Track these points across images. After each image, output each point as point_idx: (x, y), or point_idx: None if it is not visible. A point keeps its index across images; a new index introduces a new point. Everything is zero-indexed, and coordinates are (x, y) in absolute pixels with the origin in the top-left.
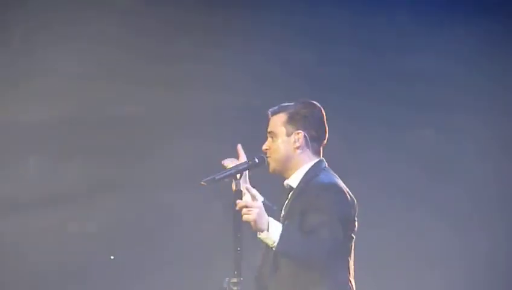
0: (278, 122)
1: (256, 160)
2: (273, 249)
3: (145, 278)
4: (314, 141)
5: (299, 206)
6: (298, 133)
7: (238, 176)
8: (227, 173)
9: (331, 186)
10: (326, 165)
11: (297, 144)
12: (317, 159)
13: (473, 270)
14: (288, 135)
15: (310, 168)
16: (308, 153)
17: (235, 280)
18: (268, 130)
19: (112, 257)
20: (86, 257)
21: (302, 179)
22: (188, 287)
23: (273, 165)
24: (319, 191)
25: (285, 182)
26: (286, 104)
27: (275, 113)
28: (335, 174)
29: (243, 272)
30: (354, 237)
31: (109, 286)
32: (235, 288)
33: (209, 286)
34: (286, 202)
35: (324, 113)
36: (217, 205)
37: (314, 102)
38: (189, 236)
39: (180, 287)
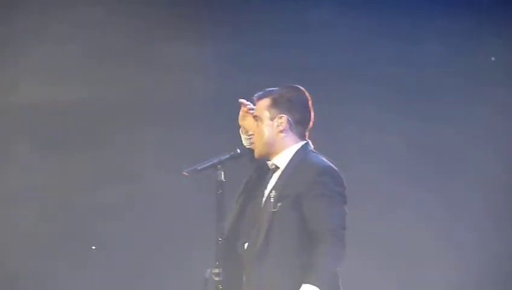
0: (262, 106)
1: (239, 151)
2: None
3: (125, 270)
4: (298, 124)
5: (295, 188)
6: (281, 117)
7: (219, 166)
8: (209, 163)
9: (326, 169)
10: (313, 148)
11: (281, 128)
12: (303, 142)
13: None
14: (272, 118)
15: (297, 151)
16: (292, 136)
17: (216, 270)
18: (254, 115)
19: (94, 247)
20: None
21: (290, 160)
22: (170, 279)
23: (258, 149)
24: (315, 175)
25: (270, 162)
26: (271, 88)
27: (259, 98)
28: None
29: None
30: None
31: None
32: (216, 279)
33: (191, 277)
34: (274, 181)
35: (309, 96)
36: (198, 195)
37: (299, 86)
38: (170, 227)
39: (163, 279)
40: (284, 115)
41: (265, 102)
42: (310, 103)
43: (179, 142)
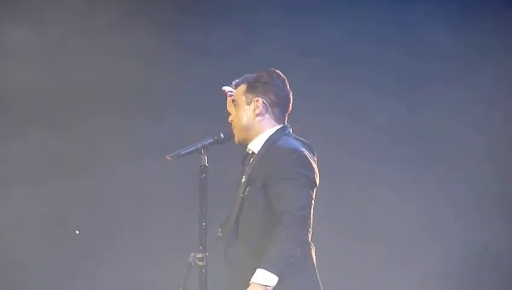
0: (239, 92)
1: (222, 135)
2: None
3: (107, 255)
4: (275, 106)
5: (261, 173)
6: (257, 100)
7: (203, 151)
8: (193, 148)
9: (291, 152)
10: (291, 131)
11: (257, 111)
12: (280, 125)
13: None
14: (248, 103)
15: (271, 135)
16: (269, 119)
17: (200, 255)
18: (231, 99)
19: (77, 232)
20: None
21: (262, 145)
22: (153, 263)
23: (236, 135)
24: (279, 158)
25: (248, 147)
26: (241, 77)
27: (237, 84)
28: (301, 139)
29: (208, 247)
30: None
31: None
32: (200, 263)
33: (175, 261)
34: (247, 168)
35: (285, 79)
36: (181, 179)
37: (275, 69)
38: (153, 212)
39: (146, 264)
40: (259, 98)
41: (242, 87)
42: (287, 85)
43: (164, 128)
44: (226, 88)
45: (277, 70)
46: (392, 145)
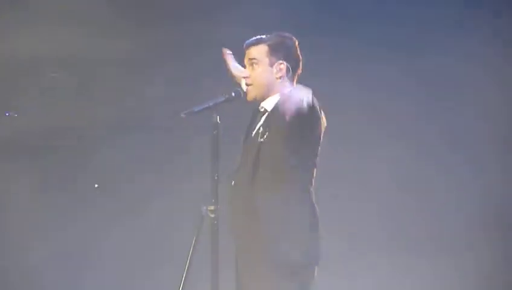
0: (260, 52)
1: (233, 94)
2: None
3: (123, 210)
4: (293, 70)
5: (273, 125)
6: (281, 64)
7: (214, 108)
8: (206, 106)
9: (301, 107)
10: None
11: (280, 74)
12: (293, 87)
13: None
14: (271, 64)
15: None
16: (287, 81)
17: (212, 207)
18: (250, 57)
19: (96, 185)
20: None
21: (277, 102)
22: (166, 217)
23: (253, 92)
24: (290, 112)
25: (261, 105)
26: (262, 36)
27: (253, 44)
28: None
29: (220, 200)
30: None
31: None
32: (212, 215)
33: (187, 213)
34: (260, 123)
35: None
36: (195, 137)
37: (290, 34)
38: (166, 166)
39: (159, 216)
40: (284, 62)
41: (263, 48)
42: (299, 50)
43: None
44: (226, 50)
45: (293, 36)
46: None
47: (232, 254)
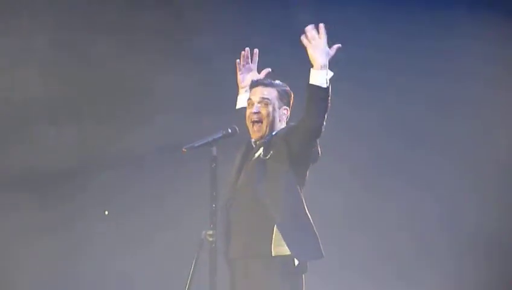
0: (271, 94)
1: (230, 130)
2: (321, 85)
3: (125, 234)
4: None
5: (279, 138)
6: (286, 109)
7: (213, 143)
8: (205, 141)
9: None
10: None
11: (284, 117)
12: None
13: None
14: (279, 108)
15: None
16: (283, 125)
17: (210, 232)
18: (263, 97)
19: (106, 213)
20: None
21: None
22: (168, 240)
23: (263, 129)
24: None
25: (254, 140)
26: (270, 80)
27: (265, 85)
28: None
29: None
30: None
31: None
32: (210, 239)
33: (188, 238)
34: (261, 148)
35: None
36: (194, 168)
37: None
38: (169, 196)
39: (164, 240)
40: (288, 108)
41: (274, 92)
42: None
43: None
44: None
45: None
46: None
47: (227, 274)
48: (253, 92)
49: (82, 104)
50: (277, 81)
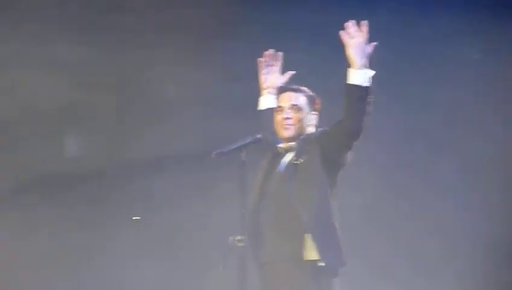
0: (301, 100)
1: (258, 136)
2: (360, 84)
3: (154, 240)
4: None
5: (310, 144)
6: (314, 114)
7: (242, 149)
8: (233, 147)
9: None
10: None
11: (313, 122)
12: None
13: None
14: (308, 113)
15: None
16: (313, 129)
17: (239, 237)
18: (293, 103)
19: (136, 218)
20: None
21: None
22: (196, 245)
23: (292, 133)
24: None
25: (285, 145)
26: (298, 86)
27: (294, 91)
28: None
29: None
30: None
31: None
32: (239, 244)
33: (216, 243)
34: (291, 154)
35: None
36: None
37: None
38: (199, 201)
39: (194, 246)
40: (316, 113)
41: (303, 98)
42: None
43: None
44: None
45: None
46: None
47: (256, 279)
48: (283, 98)
49: (110, 110)
50: (304, 88)
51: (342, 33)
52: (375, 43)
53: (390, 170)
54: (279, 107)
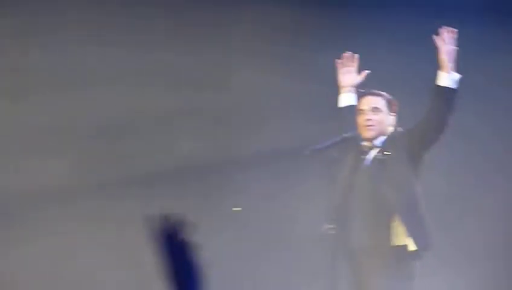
0: (380, 102)
1: (346, 135)
2: (450, 87)
3: (254, 231)
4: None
5: (395, 142)
6: (393, 115)
7: (333, 147)
8: (326, 145)
9: None
10: None
11: (392, 122)
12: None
13: None
14: (387, 114)
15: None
16: (392, 127)
17: (331, 225)
18: (373, 106)
19: (237, 209)
20: None
21: (388, 135)
22: (292, 235)
23: (374, 132)
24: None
25: (373, 143)
26: (377, 91)
27: (374, 95)
28: None
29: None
30: None
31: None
32: (331, 231)
33: (310, 231)
34: (375, 150)
35: None
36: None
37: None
38: (295, 194)
39: (291, 232)
40: (395, 114)
41: (382, 101)
42: None
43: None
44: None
45: None
46: None
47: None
48: (364, 102)
49: (214, 111)
50: (382, 92)
51: (436, 38)
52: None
53: (474, 163)
54: (361, 110)
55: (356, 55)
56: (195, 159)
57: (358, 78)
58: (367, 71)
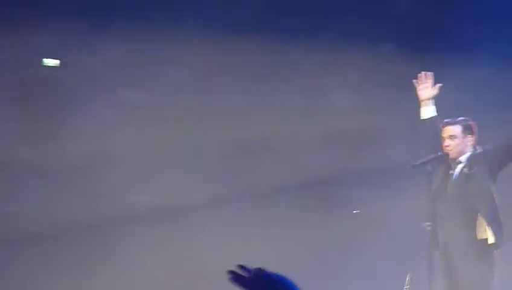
0: (456, 130)
1: (440, 153)
2: None
3: (369, 230)
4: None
5: (479, 158)
6: (470, 137)
7: (428, 163)
8: (423, 161)
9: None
10: None
11: (471, 143)
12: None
13: None
14: (464, 138)
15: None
16: (473, 146)
17: (428, 223)
18: (450, 134)
19: (355, 211)
20: None
21: (471, 154)
22: (397, 230)
23: (453, 155)
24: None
25: (458, 159)
26: (455, 120)
27: (451, 124)
28: None
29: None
30: None
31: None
32: (428, 228)
33: (412, 228)
34: (461, 165)
35: None
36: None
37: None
38: (395, 200)
39: (390, 233)
40: (472, 136)
41: (458, 128)
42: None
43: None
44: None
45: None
46: None
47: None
48: (444, 131)
49: (341, 133)
50: (460, 118)
51: None
52: None
53: None
54: (443, 137)
55: (430, 73)
56: (324, 172)
57: (434, 92)
58: (439, 84)
